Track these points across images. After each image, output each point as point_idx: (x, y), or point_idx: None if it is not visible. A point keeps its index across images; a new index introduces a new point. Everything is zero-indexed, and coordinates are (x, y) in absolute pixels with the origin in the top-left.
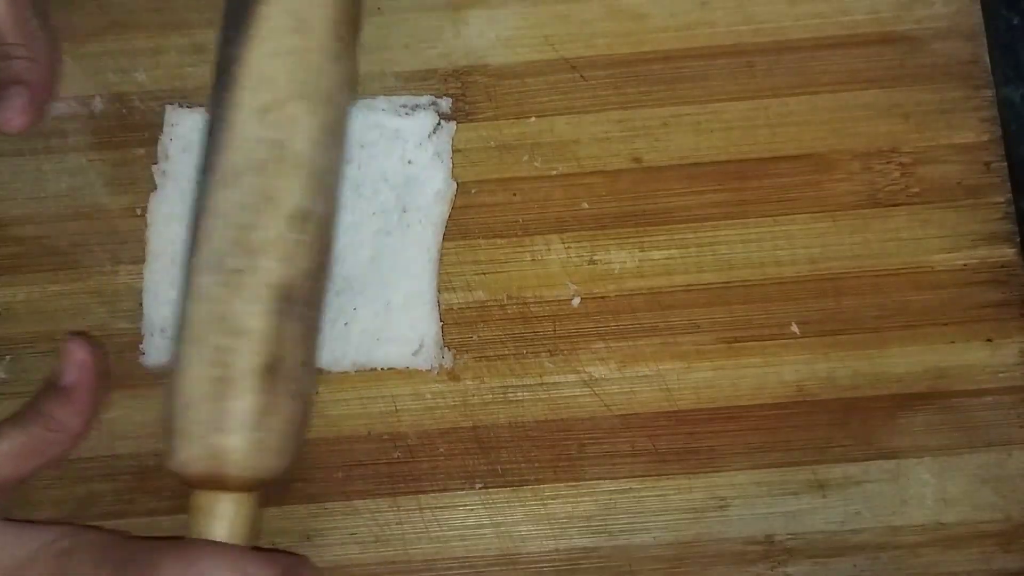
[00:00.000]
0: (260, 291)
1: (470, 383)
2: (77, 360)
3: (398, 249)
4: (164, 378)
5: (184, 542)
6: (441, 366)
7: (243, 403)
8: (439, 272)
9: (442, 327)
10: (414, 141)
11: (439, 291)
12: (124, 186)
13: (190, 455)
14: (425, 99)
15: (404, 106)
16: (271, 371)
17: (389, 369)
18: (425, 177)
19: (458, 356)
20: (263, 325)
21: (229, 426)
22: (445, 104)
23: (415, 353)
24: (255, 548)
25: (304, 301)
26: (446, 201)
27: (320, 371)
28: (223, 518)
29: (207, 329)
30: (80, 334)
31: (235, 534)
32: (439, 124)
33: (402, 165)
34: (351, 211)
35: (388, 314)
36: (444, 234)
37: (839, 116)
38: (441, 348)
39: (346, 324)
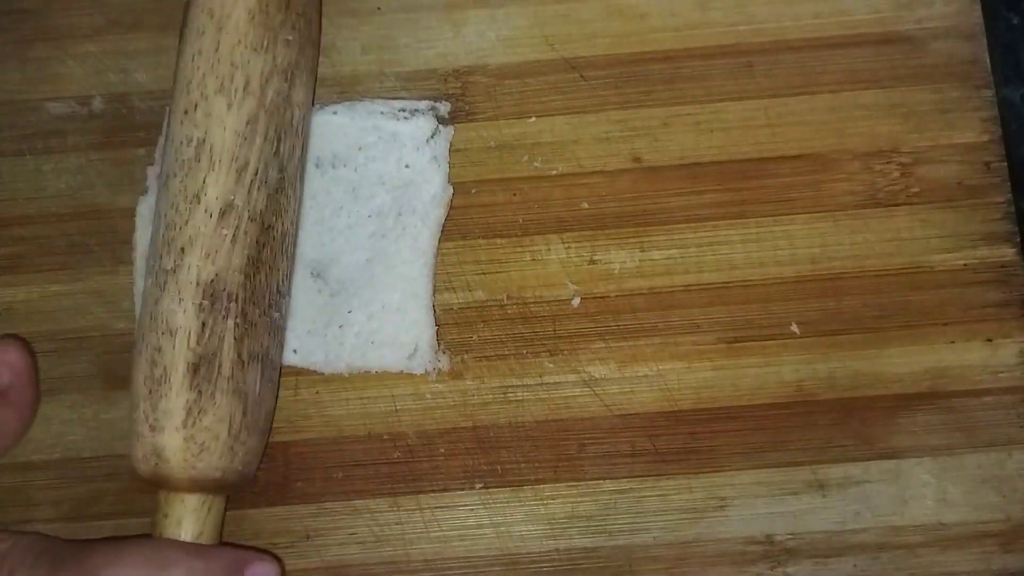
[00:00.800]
0: (187, 288)
1: (470, 383)
2: (9, 362)
3: (393, 252)
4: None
5: (115, 540)
6: (437, 370)
7: (174, 402)
8: (436, 274)
9: (442, 328)
10: (412, 145)
11: (439, 291)
12: (124, 186)
13: (136, 455)
14: (424, 104)
15: (403, 110)
16: (196, 370)
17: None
18: (422, 181)
19: (458, 356)
20: (190, 323)
21: (163, 425)
22: (444, 108)
23: (410, 357)
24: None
25: (239, 297)
26: (442, 205)
27: (315, 373)
28: (171, 517)
29: (146, 329)
30: (13, 336)
31: (187, 532)
32: (437, 128)
33: (399, 169)
34: (347, 214)
35: (383, 317)
36: (444, 234)
37: (839, 116)
38: (436, 352)
39: (341, 327)
